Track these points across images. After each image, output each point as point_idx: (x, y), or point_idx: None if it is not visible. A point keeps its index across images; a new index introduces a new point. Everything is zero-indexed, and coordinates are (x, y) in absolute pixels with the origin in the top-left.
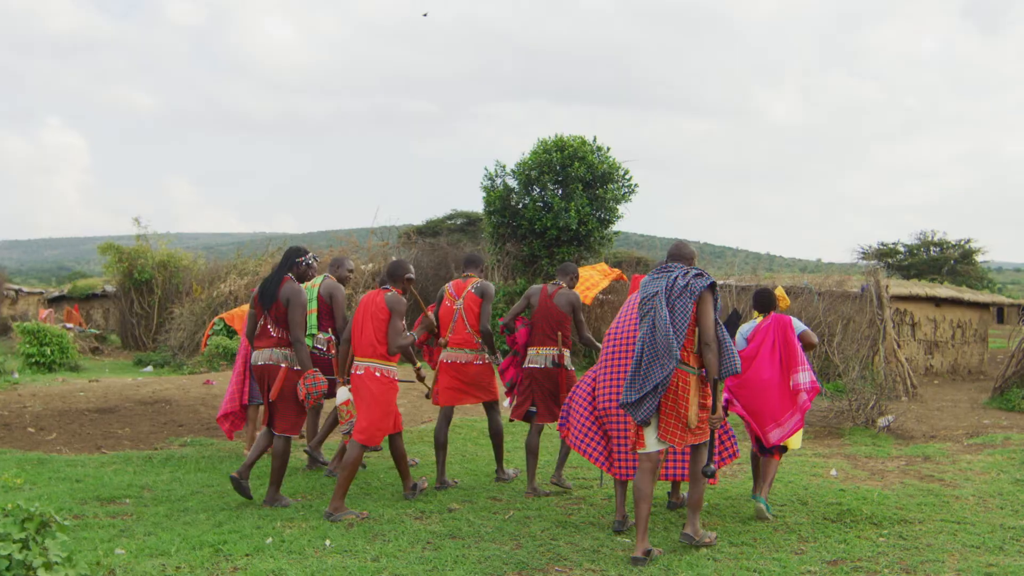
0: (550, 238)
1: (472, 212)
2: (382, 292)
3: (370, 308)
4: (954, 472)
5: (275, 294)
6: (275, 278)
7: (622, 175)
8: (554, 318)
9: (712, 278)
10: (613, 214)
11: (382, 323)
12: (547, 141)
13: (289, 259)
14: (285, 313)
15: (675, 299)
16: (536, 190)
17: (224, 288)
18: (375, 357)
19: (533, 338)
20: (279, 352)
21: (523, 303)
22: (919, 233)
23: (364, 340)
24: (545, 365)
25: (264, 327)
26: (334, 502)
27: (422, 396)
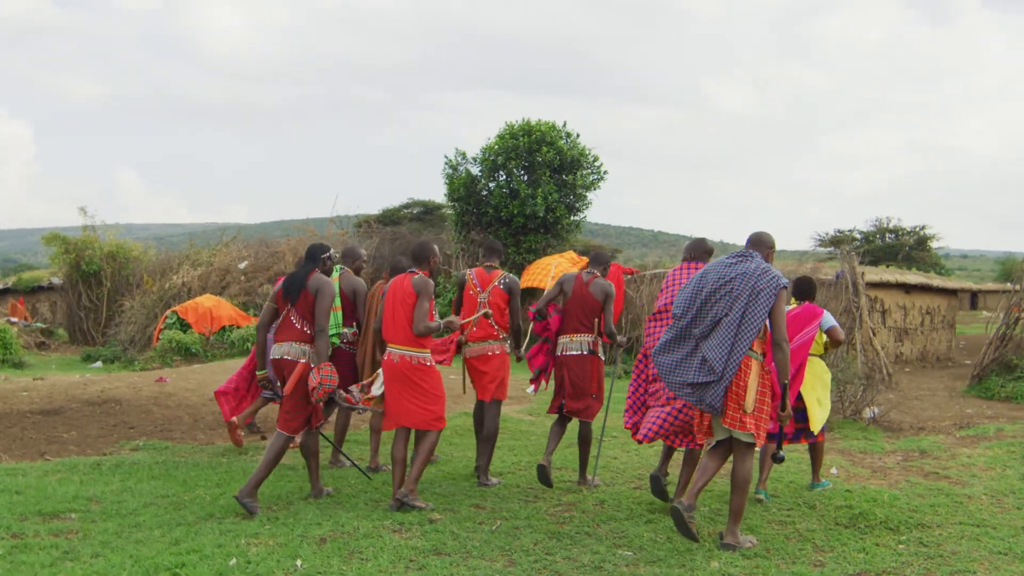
0: (517, 226)
1: (430, 201)
2: (409, 276)
3: (399, 293)
4: (958, 468)
5: (303, 284)
6: (302, 272)
7: (591, 161)
8: (589, 306)
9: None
10: (582, 201)
11: (411, 308)
12: (514, 125)
13: (315, 256)
14: (312, 304)
15: (758, 291)
16: (502, 176)
17: (177, 279)
18: (408, 344)
19: (566, 326)
20: (299, 347)
21: (556, 290)
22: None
23: (397, 326)
24: (579, 352)
25: (287, 320)
26: (408, 485)
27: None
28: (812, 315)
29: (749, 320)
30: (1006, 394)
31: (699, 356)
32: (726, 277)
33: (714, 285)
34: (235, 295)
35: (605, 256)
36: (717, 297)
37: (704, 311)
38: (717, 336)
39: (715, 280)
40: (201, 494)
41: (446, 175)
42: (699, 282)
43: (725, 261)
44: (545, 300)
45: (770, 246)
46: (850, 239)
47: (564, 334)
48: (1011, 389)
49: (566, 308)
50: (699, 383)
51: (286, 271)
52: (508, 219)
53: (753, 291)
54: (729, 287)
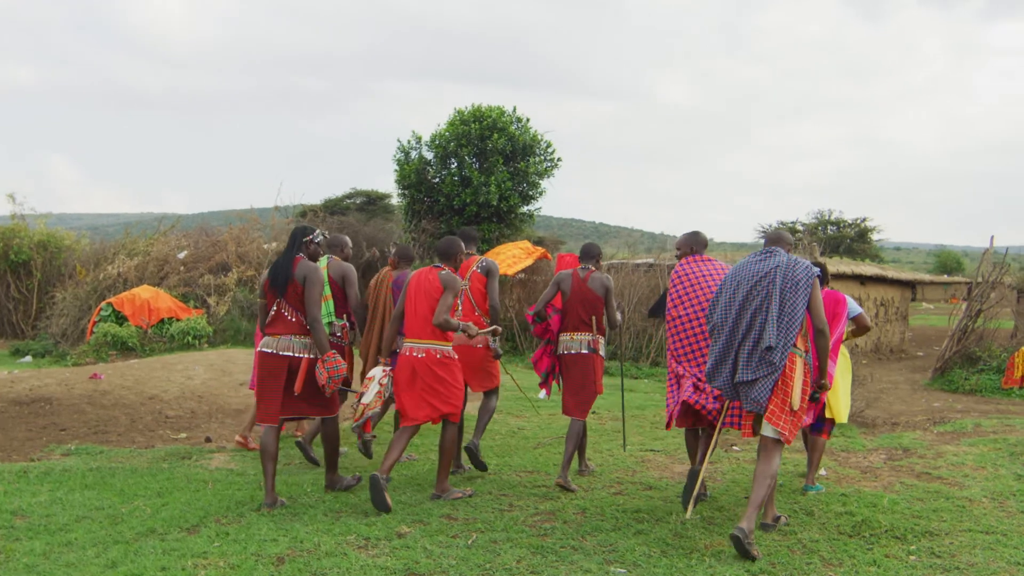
0: (469, 214)
1: (373, 191)
2: (435, 270)
3: (423, 286)
4: (948, 468)
5: (289, 275)
6: (286, 260)
7: (544, 147)
8: (589, 302)
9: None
10: (535, 189)
11: (436, 302)
12: (464, 112)
13: (296, 240)
14: (302, 294)
15: (796, 282)
16: (454, 164)
17: (112, 270)
18: (433, 338)
19: (567, 324)
20: (299, 340)
21: (553, 289)
22: (816, 212)
23: (419, 320)
24: (580, 351)
25: (279, 313)
26: (440, 485)
27: None
28: (835, 300)
29: (790, 312)
30: (970, 387)
31: (743, 355)
32: (760, 273)
33: (749, 284)
34: (174, 286)
35: (596, 249)
36: (754, 295)
37: (744, 312)
38: (764, 334)
39: (749, 279)
40: (141, 505)
41: (397, 161)
42: (732, 285)
43: (752, 259)
44: (543, 301)
45: (790, 243)
46: (792, 231)
47: (565, 332)
48: (975, 382)
49: (566, 306)
50: (746, 380)
51: (229, 261)
52: (460, 208)
53: (791, 283)
54: (765, 282)
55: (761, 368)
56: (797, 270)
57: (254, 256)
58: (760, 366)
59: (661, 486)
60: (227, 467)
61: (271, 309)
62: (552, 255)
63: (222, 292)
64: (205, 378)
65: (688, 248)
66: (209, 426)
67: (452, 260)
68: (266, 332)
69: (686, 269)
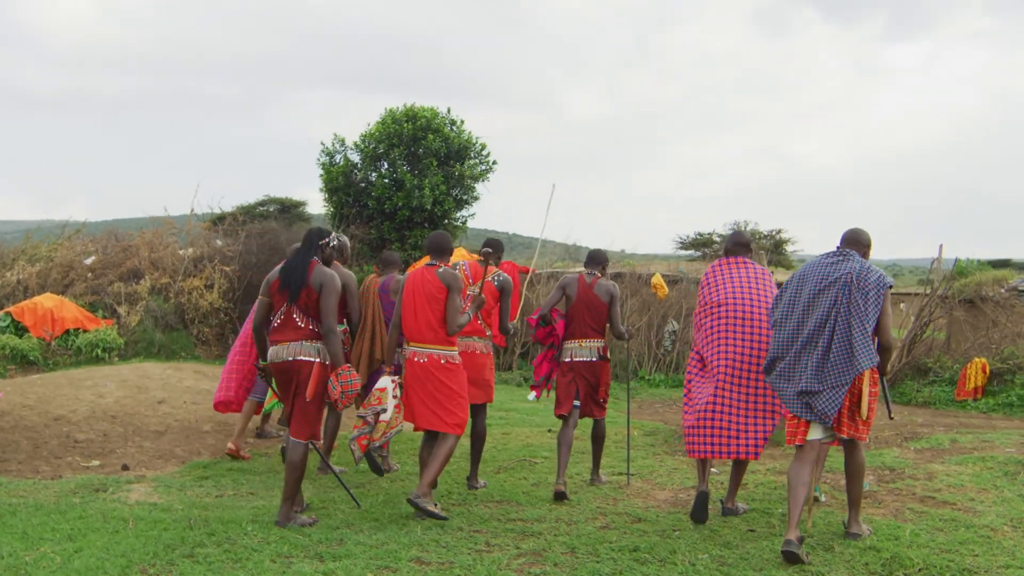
0: (401, 219)
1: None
2: (431, 269)
3: (422, 288)
4: (949, 491)
5: (304, 280)
6: (300, 263)
7: (479, 150)
8: (596, 309)
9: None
10: (470, 193)
11: (440, 303)
12: (395, 111)
13: (312, 242)
14: (316, 301)
15: (867, 291)
16: (384, 166)
17: (11, 277)
18: (437, 342)
19: (573, 330)
20: (311, 345)
21: (558, 294)
22: (732, 223)
23: (421, 324)
24: (590, 359)
25: (288, 318)
26: (421, 487)
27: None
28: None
29: (860, 322)
30: (923, 399)
31: (809, 363)
32: (829, 278)
33: (815, 288)
34: (80, 294)
35: (602, 255)
36: (821, 300)
37: (807, 316)
38: (835, 343)
39: (816, 282)
40: (48, 553)
41: (322, 164)
42: (797, 286)
43: (823, 261)
44: (548, 306)
45: (867, 244)
46: (709, 242)
47: (572, 339)
48: (928, 394)
49: (571, 313)
50: (810, 391)
51: (141, 267)
52: (392, 212)
53: (861, 291)
54: (834, 289)
55: (829, 379)
56: (868, 279)
57: (169, 262)
58: (829, 377)
59: (650, 517)
60: (149, 501)
61: (277, 313)
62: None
63: (134, 301)
64: (118, 395)
65: (724, 250)
66: (126, 451)
67: (447, 255)
68: (274, 340)
69: (716, 272)
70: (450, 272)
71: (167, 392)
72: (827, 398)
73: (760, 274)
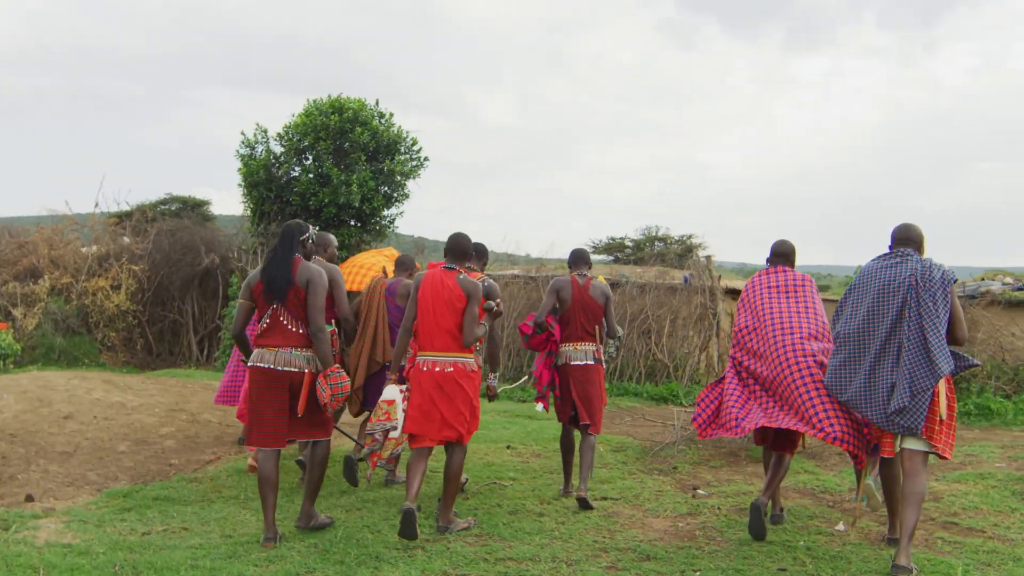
0: (327, 217)
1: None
2: (451, 274)
3: (443, 293)
4: (964, 514)
5: (290, 278)
6: (283, 261)
7: (410, 145)
8: (592, 311)
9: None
10: (400, 190)
11: (460, 311)
12: (320, 102)
13: (293, 238)
14: (304, 300)
15: (934, 291)
16: (308, 159)
17: None
18: (459, 350)
19: (570, 334)
20: (301, 354)
21: (552, 298)
22: (644, 228)
23: (441, 332)
24: (586, 362)
25: (276, 322)
26: (444, 515)
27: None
28: None
29: (934, 324)
30: None
31: (891, 376)
32: (892, 280)
33: (877, 292)
34: None
35: (588, 254)
36: (887, 307)
37: (875, 325)
38: (909, 350)
39: (877, 286)
40: None
41: (241, 157)
42: (858, 292)
43: (880, 265)
44: (544, 311)
45: (920, 240)
46: (622, 246)
47: (567, 343)
48: None
49: (566, 316)
50: (901, 408)
51: (40, 266)
52: (317, 209)
53: (929, 292)
54: (900, 293)
55: (917, 386)
56: (934, 276)
57: (71, 260)
58: (914, 386)
59: (659, 554)
60: (62, 541)
61: (263, 316)
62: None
63: (31, 302)
64: (17, 410)
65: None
66: (29, 477)
67: (467, 259)
68: (260, 344)
69: (758, 283)
70: (471, 281)
71: (74, 406)
72: (912, 410)
73: (803, 282)
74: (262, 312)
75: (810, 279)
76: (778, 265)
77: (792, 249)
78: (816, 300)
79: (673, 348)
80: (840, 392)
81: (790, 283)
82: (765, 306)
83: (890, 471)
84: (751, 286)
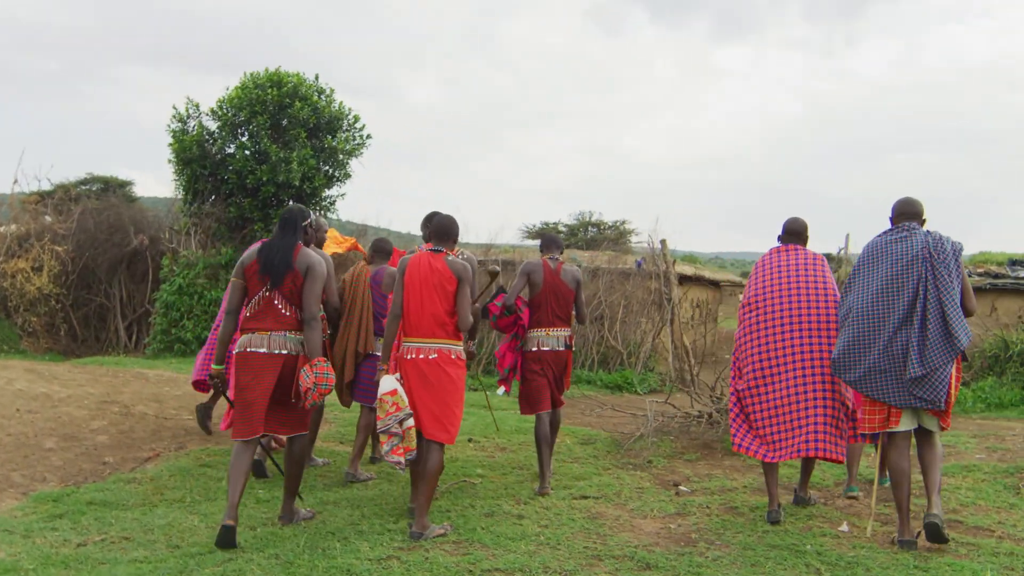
0: (266, 196)
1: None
2: (438, 256)
3: (431, 277)
4: (964, 511)
5: (290, 264)
6: (284, 245)
7: (352, 122)
8: (563, 296)
9: None
10: (343, 169)
11: (450, 295)
12: (258, 75)
13: (295, 223)
14: (301, 287)
15: (946, 262)
16: (245, 136)
17: None
18: (446, 337)
19: (539, 319)
20: (295, 338)
21: (522, 280)
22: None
23: (427, 317)
24: (557, 348)
25: (269, 306)
26: (419, 520)
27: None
28: None
29: (950, 296)
30: None
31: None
32: (904, 254)
33: (892, 269)
34: None
35: (560, 239)
36: (903, 281)
37: (892, 300)
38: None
39: (891, 263)
40: None
41: (172, 132)
42: (866, 268)
43: (888, 239)
44: (514, 293)
45: (922, 214)
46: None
47: (538, 328)
48: None
49: (537, 300)
50: (918, 377)
51: None
52: (255, 188)
53: (943, 264)
54: (915, 267)
55: (931, 362)
56: (945, 247)
57: None
58: (930, 359)
59: (658, 563)
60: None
61: (253, 299)
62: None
63: None
64: None
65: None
66: None
67: (452, 241)
68: (250, 328)
69: (768, 262)
70: (460, 262)
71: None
72: (934, 382)
73: (814, 259)
74: (253, 294)
75: (822, 258)
76: (790, 244)
77: (805, 227)
78: (829, 280)
79: (626, 334)
80: (848, 370)
81: (801, 263)
82: (774, 289)
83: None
84: (762, 265)
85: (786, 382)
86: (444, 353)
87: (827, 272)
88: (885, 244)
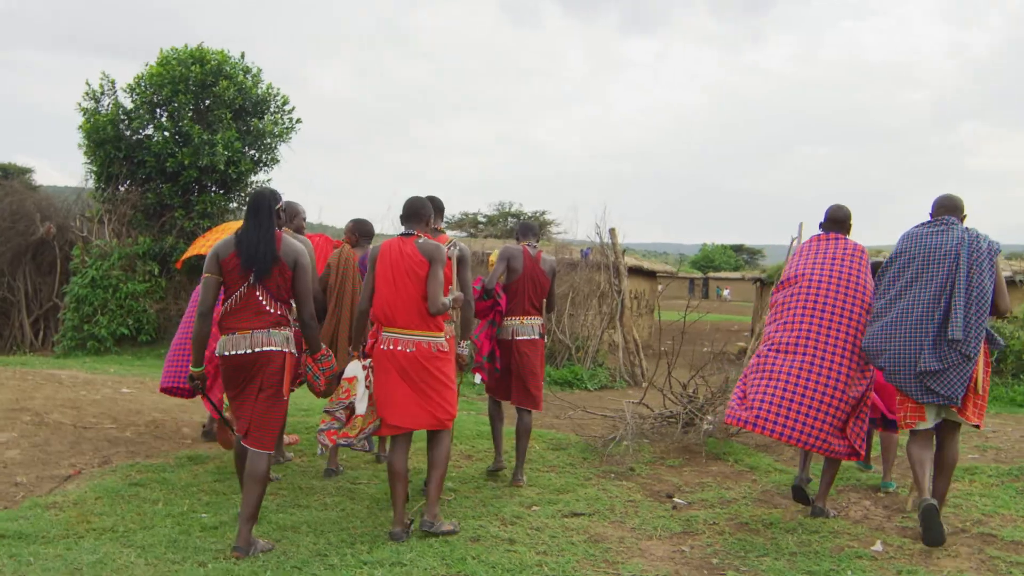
0: (187, 181)
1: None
2: (408, 240)
3: (402, 264)
4: (990, 521)
5: (275, 255)
6: (266, 234)
7: (281, 104)
8: (541, 285)
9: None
10: (270, 154)
11: (423, 281)
12: (180, 51)
13: (268, 207)
14: (290, 281)
15: (980, 260)
16: (165, 116)
17: None
18: (424, 328)
19: (516, 306)
20: (279, 333)
21: (502, 266)
22: (497, 204)
23: (405, 306)
24: (532, 336)
25: (250, 301)
26: (430, 509)
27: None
28: None
29: (979, 297)
30: None
31: (925, 341)
32: (938, 247)
33: (923, 259)
34: None
35: (536, 227)
36: (932, 273)
37: (919, 291)
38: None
39: (923, 253)
40: None
41: (84, 110)
42: (902, 259)
43: (924, 231)
44: (493, 278)
45: (962, 209)
46: (475, 221)
47: (513, 316)
48: None
49: (514, 287)
50: (929, 371)
51: None
52: (175, 172)
53: (976, 262)
54: (948, 260)
55: (950, 357)
56: (981, 245)
57: None
58: (949, 354)
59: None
60: None
61: (232, 295)
62: None
63: None
64: None
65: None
66: None
67: (425, 223)
68: (229, 327)
69: (808, 249)
70: (431, 243)
71: None
72: (952, 377)
73: (853, 251)
74: (232, 290)
75: (862, 249)
76: (831, 232)
77: (848, 215)
78: (863, 272)
79: (574, 328)
80: (877, 356)
81: (839, 253)
82: (805, 274)
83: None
84: (800, 250)
85: (791, 363)
86: (423, 347)
87: (863, 264)
88: (922, 235)
